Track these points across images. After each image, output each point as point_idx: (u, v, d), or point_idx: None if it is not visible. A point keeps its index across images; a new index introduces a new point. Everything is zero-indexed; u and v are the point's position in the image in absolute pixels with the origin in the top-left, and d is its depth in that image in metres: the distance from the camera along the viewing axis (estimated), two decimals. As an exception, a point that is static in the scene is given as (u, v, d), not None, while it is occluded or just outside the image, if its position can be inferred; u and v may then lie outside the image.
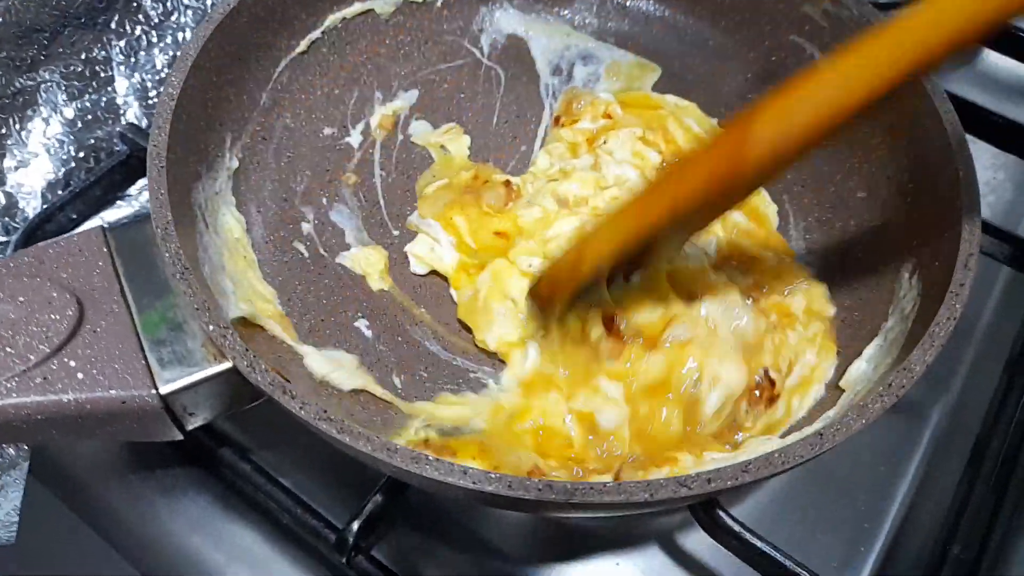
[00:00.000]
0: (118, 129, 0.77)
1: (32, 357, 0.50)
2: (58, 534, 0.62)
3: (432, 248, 0.70)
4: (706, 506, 0.56)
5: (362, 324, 0.64)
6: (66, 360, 0.50)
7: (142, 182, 0.78)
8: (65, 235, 0.56)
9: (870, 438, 0.67)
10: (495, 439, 0.58)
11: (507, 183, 0.73)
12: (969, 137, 0.58)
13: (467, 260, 0.69)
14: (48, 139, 0.77)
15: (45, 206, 0.74)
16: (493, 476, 0.44)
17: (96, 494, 0.63)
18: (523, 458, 0.56)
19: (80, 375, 0.50)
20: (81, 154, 0.78)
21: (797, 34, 0.76)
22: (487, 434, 0.59)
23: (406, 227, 0.72)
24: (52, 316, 0.51)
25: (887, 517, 0.65)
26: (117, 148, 0.77)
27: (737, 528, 0.55)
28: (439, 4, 0.82)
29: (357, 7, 0.78)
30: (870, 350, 0.60)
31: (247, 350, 0.48)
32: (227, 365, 0.51)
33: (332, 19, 0.77)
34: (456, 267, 0.69)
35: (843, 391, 0.59)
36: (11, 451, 0.63)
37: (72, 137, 0.77)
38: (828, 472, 0.66)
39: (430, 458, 0.44)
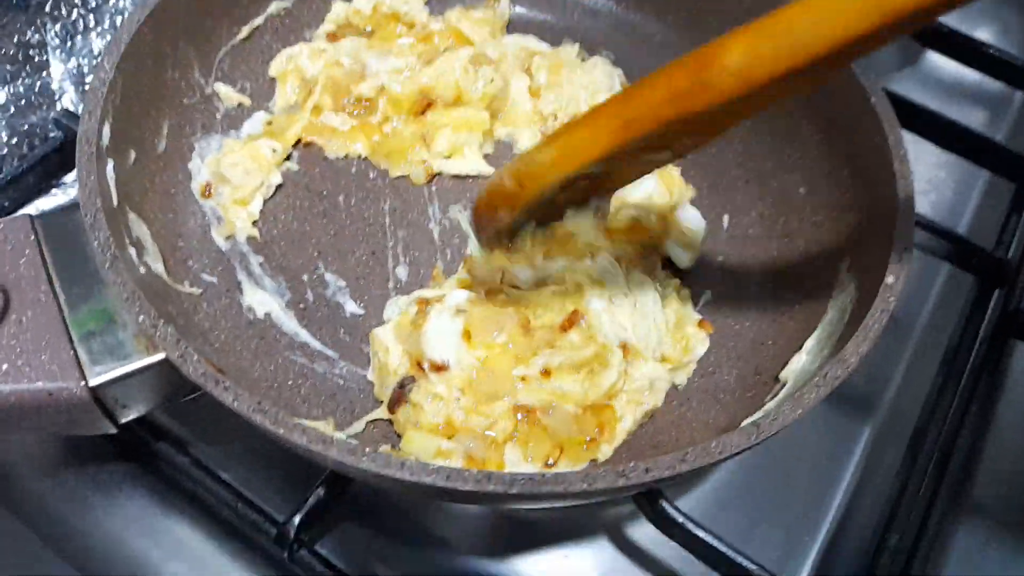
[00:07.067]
0: (53, 115, 0.75)
1: (-47, 349, 0.48)
2: (-12, 531, 0.60)
3: None
4: (651, 498, 0.56)
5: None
6: (-11, 351, 0.48)
7: (78, 170, 0.75)
8: (-10, 224, 0.54)
9: (813, 432, 0.68)
10: None
11: None
12: (913, 136, 0.58)
13: None
14: (-22, 125, 0.74)
15: (-25, 195, 0.71)
16: (431, 467, 0.43)
17: (29, 490, 0.61)
18: None
19: (4, 366, 0.48)
20: (14, 140, 0.75)
21: (743, 31, 0.76)
22: None
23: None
24: (-26, 306, 0.49)
25: (829, 508, 0.66)
26: (52, 134, 0.75)
27: (681, 519, 0.56)
28: None
29: (299, -6, 0.77)
30: (810, 342, 0.60)
31: (179, 340, 0.47)
32: (160, 356, 0.50)
33: (275, 6, 0.75)
34: None
35: (783, 383, 0.59)
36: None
37: (4, 123, 0.75)
38: (773, 464, 0.67)
39: (367, 451, 0.43)
